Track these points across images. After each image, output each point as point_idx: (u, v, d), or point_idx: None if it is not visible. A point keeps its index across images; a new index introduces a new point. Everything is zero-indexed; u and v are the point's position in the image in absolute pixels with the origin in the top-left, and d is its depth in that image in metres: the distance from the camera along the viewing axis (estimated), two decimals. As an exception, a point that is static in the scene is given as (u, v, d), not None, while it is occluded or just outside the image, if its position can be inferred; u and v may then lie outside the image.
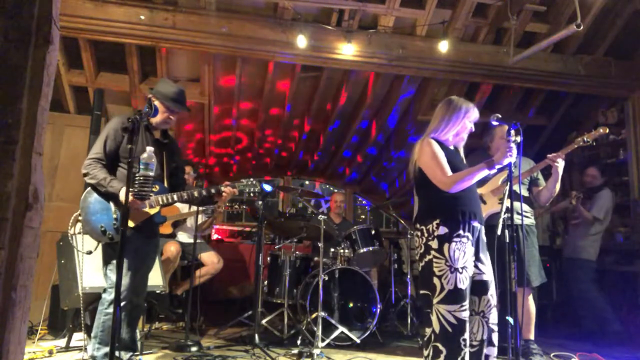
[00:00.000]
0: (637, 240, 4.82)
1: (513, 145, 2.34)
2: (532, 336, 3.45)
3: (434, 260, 2.41)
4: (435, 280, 2.39)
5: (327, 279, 3.99)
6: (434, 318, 2.38)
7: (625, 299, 4.73)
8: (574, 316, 5.07)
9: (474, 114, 2.57)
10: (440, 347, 2.34)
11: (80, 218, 2.72)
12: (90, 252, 2.86)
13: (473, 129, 2.61)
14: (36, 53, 1.60)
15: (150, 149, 2.57)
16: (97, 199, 2.67)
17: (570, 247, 4.73)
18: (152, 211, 2.73)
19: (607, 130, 3.17)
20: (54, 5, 1.66)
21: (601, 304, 4.43)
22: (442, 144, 2.56)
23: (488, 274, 2.48)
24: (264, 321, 4.02)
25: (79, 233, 2.87)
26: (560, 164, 3.21)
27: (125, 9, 4.11)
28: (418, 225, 2.53)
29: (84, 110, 5.03)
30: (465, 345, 2.33)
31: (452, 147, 2.63)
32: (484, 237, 2.54)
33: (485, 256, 2.51)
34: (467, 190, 2.46)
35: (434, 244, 2.42)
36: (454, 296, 2.34)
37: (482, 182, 3.34)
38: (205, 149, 6.18)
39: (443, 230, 2.40)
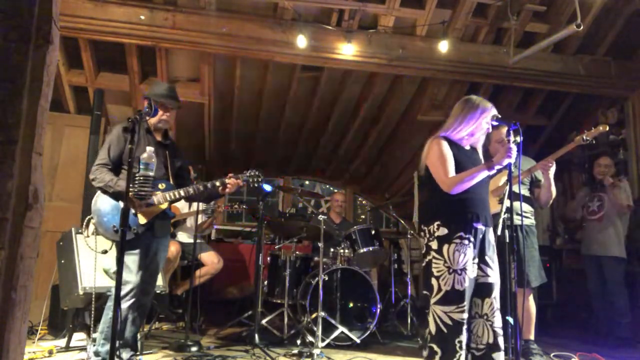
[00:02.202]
0: (637, 239, 4.81)
1: (513, 145, 2.33)
2: (532, 336, 3.45)
3: (433, 260, 2.42)
4: (433, 281, 2.40)
5: (327, 279, 3.99)
6: (430, 319, 2.40)
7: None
8: (575, 316, 5.07)
9: (491, 114, 2.51)
10: (435, 348, 2.35)
11: (93, 221, 2.81)
12: (105, 252, 2.94)
13: (490, 130, 2.57)
14: (36, 53, 1.60)
15: (150, 149, 2.59)
16: (107, 200, 2.73)
17: (596, 244, 4.46)
18: (160, 208, 2.78)
19: (607, 128, 3.16)
20: (54, 5, 1.66)
21: (626, 311, 4.26)
22: (455, 143, 2.54)
23: (493, 276, 2.45)
24: (264, 321, 4.02)
25: (93, 234, 2.93)
26: (552, 169, 3.20)
27: (125, 9, 4.11)
28: (422, 226, 2.54)
29: (84, 110, 5.03)
30: (460, 348, 2.32)
31: (467, 147, 2.59)
32: (491, 239, 2.50)
33: (491, 258, 2.48)
34: (472, 192, 2.44)
35: (434, 244, 2.43)
36: (451, 297, 2.34)
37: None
38: (205, 149, 6.18)
39: (443, 231, 2.41)
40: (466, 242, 2.38)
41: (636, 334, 4.23)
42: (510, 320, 2.31)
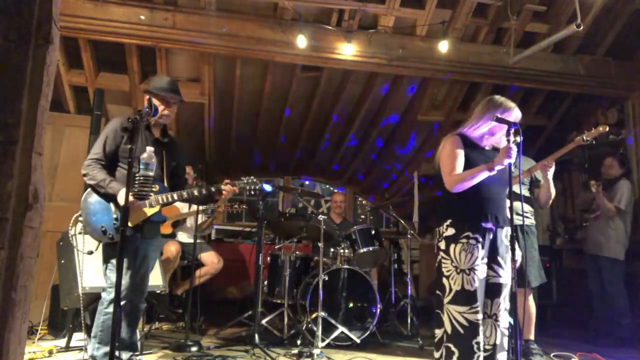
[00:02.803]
0: (638, 240, 4.81)
1: (513, 146, 2.33)
2: (532, 336, 3.45)
3: (442, 260, 2.44)
4: (444, 281, 2.41)
5: (327, 279, 3.99)
6: (445, 318, 2.39)
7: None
8: (575, 316, 5.06)
9: (513, 115, 2.45)
10: (453, 348, 2.34)
11: (80, 219, 2.74)
12: (91, 252, 2.89)
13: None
14: (36, 53, 1.60)
15: (150, 149, 2.57)
16: (97, 199, 2.67)
17: (591, 243, 4.51)
18: (152, 211, 2.72)
19: (607, 129, 3.15)
20: (54, 5, 1.66)
21: (625, 312, 4.25)
22: (472, 141, 2.53)
23: (505, 277, 2.44)
24: (264, 321, 4.02)
25: (80, 233, 2.88)
26: (551, 170, 3.19)
27: (125, 9, 4.11)
28: (436, 227, 2.55)
29: (84, 110, 5.02)
30: (478, 349, 2.31)
31: (488, 147, 2.56)
32: (504, 240, 2.47)
33: (504, 259, 2.45)
34: (485, 192, 2.42)
35: (442, 244, 2.45)
36: (462, 297, 2.34)
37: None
38: (205, 149, 6.18)
39: (451, 231, 2.42)
40: (473, 242, 2.37)
41: (636, 334, 4.22)
42: (510, 320, 2.31)
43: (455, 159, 2.45)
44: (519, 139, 2.32)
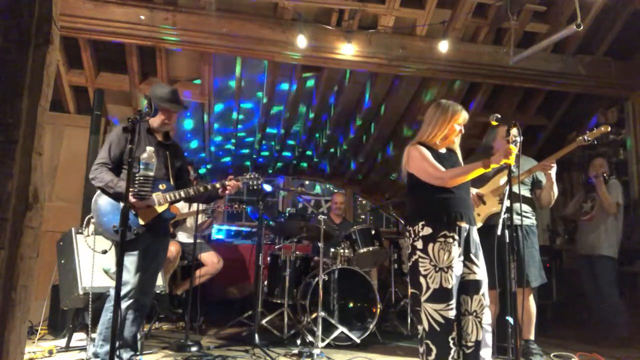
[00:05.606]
0: (637, 240, 4.81)
1: (512, 146, 2.34)
2: (532, 336, 3.44)
3: (420, 260, 2.49)
4: (422, 280, 2.47)
5: (327, 279, 3.99)
6: (422, 316, 2.46)
7: (625, 299, 4.72)
8: (575, 316, 5.06)
9: (462, 116, 2.60)
10: (431, 345, 2.41)
11: (93, 220, 2.81)
12: (105, 252, 2.93)
13: (463, 131, 2.66)
14: (36, 53, 1.60)
15: (150, 149, 2.59)
16: (107, 200, 2.73)
17: (587, 243, 4.48)
18: (161, 208, 2.78)
19: (609, 129, 3.15)
20: (54, 5, 1.66)
21: (619, 309, 4.25)
22: (430, 148, 2.61)
23: (480, 274, 2.51)
24: (264, 321, 4.02)
25: (93, 234, 2.93)
26: (553, 170, 3.19)
27: (125, 9, 4.11)
28: (407, 227, 2.62)
29: (84, 110, 5.03)
30: (454, 344, 2.39)
31: (442, 150, 2.66)
32: (475, 238, 2.58)
33: (477, 256, 2.54)
34: (454, 192, 2.51)
35: (419, 244, 2.50)
36: (440, 295, 2.41)
37: (482, 182, 3.33)
38: (205, 149, 6.18)
39: (427, 230, 2.48)
40: (450, 240, 2.45)
41: (635, 334, 4.22)
42: (510, 320, 2.32)
43: (431, 160, 2.53)
44: (518, 138, 2.35)
